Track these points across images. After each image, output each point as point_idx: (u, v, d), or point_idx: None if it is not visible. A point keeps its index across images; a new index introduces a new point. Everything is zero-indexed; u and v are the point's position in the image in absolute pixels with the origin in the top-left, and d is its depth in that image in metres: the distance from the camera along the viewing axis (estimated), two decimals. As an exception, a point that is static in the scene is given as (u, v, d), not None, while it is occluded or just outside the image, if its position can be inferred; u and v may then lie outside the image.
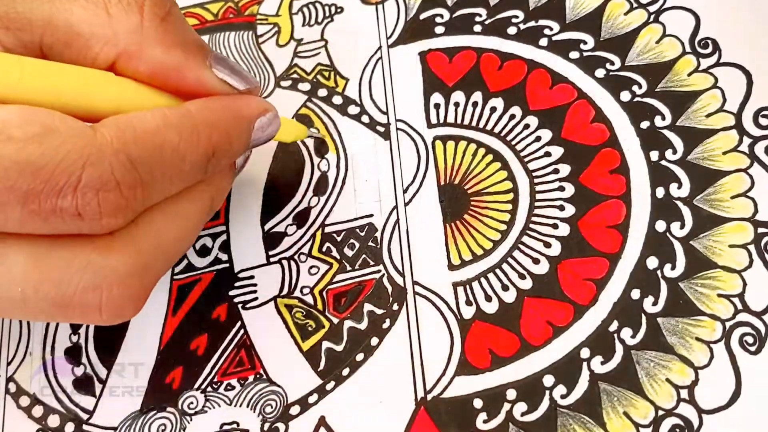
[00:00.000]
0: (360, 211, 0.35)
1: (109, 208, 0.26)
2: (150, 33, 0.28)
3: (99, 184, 0.25)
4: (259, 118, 0.31)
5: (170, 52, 0.29)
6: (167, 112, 0.28)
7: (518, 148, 0.35)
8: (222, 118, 0.30)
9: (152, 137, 0.27)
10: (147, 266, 0.28)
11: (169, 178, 0.28)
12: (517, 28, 0.37)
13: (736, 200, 0.32)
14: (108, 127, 0.26)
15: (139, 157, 0.26)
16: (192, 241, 0.31)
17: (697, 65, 0.34)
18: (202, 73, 0.30)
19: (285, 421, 0.32)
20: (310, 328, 0.33)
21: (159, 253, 0.29)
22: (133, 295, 0.28)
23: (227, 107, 0.30)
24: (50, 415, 0.34)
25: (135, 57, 0.28)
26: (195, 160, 0.28)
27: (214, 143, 0.29)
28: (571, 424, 0.30)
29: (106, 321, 0.28)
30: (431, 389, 0.31)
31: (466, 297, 0.32)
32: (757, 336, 0.30)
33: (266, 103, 0.32)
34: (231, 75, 0.31)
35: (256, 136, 0.31)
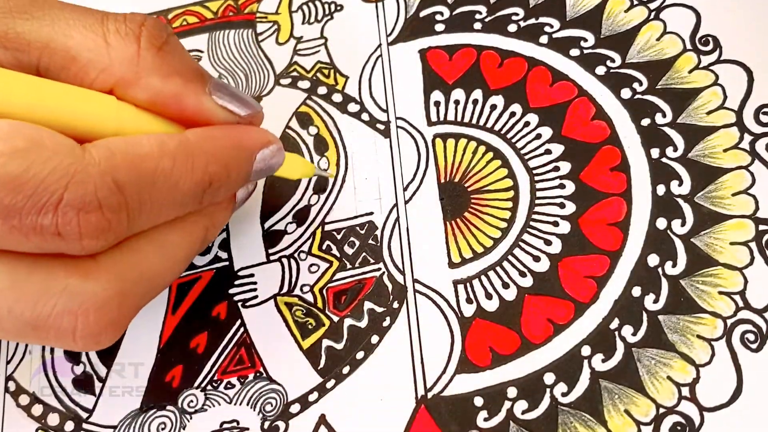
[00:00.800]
0: (360, 209, 0.35)
1: (90, 230, 0.25)
2: (147, 62, 0.28)
3: (81, 204, 0.25)
4: (262, 150, 0.31)
5: (168, 80, 0.29)
6: (164, 138, 0.28)
7: (518, 146, 0.35)
8: (221, 148, 0.29)
9: (144, 162, 0.26)
10: (127, 294, 0.27)
11: (159, 206, 0.27)
12: (517, 25, 0.37)
13: (737, 197, 0.32)
14: (98, 148, 0.26)
15: (127, 181, 0.26)
16: (179, 272, 0.31)
17: (698, 62, 0.34)
18: (201, 100, 0.29)
19: (285, 419, 0.32)
20: (310, 327, 0.33)
21: (141, 282, 0.28)
22: (111, 323, 0.27)
23: (228, 137, 0.30)
24: (50, 413, 0.34)
25: (132, 85, 0.28)
26: (189, 189, 0.28)
27: (211, 173, 0.29)
28: (572, 422, 0.29)
29: (81, 347, 0.27)
30: (432, 387, 0.31)
31: (466, 295, 0.32)
32: (758, 333, 0.29)
33: (270, 134, 0.31)
34: (231, 101, 0.30)
35: (258, 168, 0.31)
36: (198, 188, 0.28)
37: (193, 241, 0.30)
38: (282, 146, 0.32)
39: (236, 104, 0.30)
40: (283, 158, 0.32)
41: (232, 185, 0.30)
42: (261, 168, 0.31)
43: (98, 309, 0.27)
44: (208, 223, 0.31)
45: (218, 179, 0.29)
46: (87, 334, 0.27)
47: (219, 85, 0.30)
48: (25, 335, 0.27)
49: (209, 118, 0.30)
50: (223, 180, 0.29)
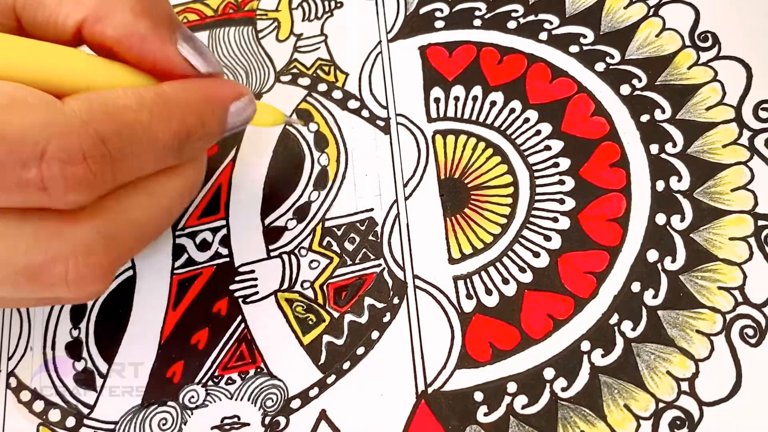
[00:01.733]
0: (360, 205, 0.35)
1: (75, 182, 0.25)
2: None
3: (65, 156, 0.25)
4: (234, 102, 0.31)
5: (138, 20, 0.28)
6: (141, 90, 0.28)
7: (518, 142, 0.35)
8: (196, 101, 0.29)
9: (123, 114, 0.26)
10: (114, 238, 0.28)
11: (140, 158, 0.27)
12: (516, 22, 0.37)
13: (736, 193, 0.32)
14: (78, 101, 0.26)
15: (109, 133, 0.26)
16: (170, 220, 0.31)
17: (697, 59, 0.34)
18: (165, 47, 0.29)
19: (286, 414, 0.32)
20: (310, 322, 0.33)
21: (129, 229, 0.28)
22: (99, 266, 0.27)
23: (201, 89, 0.30)
24: (51, 409, 0.34)
25: (102, 20, 0.28)
26: (168, 140, 0.28)
27: (188, 125, 0.29)
28: (572, 417, 0.30)
29: (73, 292, 0.27)
30: (432, 382, 0.31)
31: (466, 290, 0.32)
32: (757, 328, 0.30)
33: (241, 87, 0.32)
34: (195, 55, 0.30)
35: (232, 120, 0.31)
36: (176, 140, 0.28)
37: (180, 188, 0.30)
38: (253, 97, 0.32)
39: (199, 60, 0.30)
40: (254, 109, 0.32)
41: (208, 137, 0.30)
42: (235, 120, 0.31)
43: (86, 253, 0.27)
44: (192, 174, 0.31)
45: (195, 131, 0.29)
46: (77, 277, 0.27)
47: (188, 36, 0.30)
48: (21, 286, 0.27)
49: (170, 67, 0.30)
50: (200, 132, 0.29)
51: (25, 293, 0.28)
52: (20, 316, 0.36)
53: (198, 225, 0.36)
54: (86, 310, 0.35)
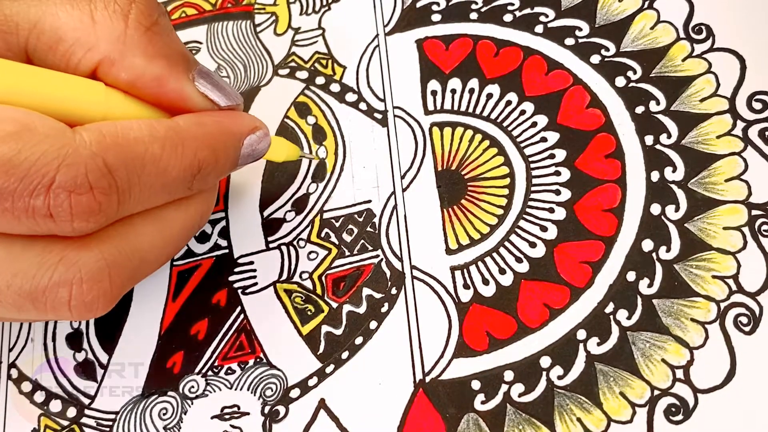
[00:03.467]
0: (358, 197, 0.35)
1: (81, 211, 0.26)
2: (133, 41, 0.28)
3: (72, 186, 0.25)
4: (249, 136, 0.31)
5: (152, 62, 0.29)
6: (154, 123, 0.28)
7: (514, 134, 0.35)
8: (210, 134, 0.29)
9: (134, 146, 0.27)
10: (119, 266, 0.28)
11: (149, 190, 0.28)
12: (512, 15, 0.37)
13: (730, 183, 0.32)
14: (89, 131, 0.26)
15: (117, 164, 0.26)
16: (177, 250, 0.31)
17: (691, 51, 0.35)
18: (182, 86, 0.29)
19: (285, 403, 0.32)
20: (309, 313, 0.34)
21: (135, 257, 0.29)
22: (103, 293, 0.28)
23: (216, 123, 0.30)
24: (52, 400, 0.34)
25: (116, 64, 0.28)
26: (178, 174, 0.28)
27: (200, 159, 0.29)
28: (568, 405, 0.30)
29: (75, 316, 0.28)
30: (430, 371, 0.31)
31: (463, 281, 0.33)
32: (751, 316, 0.30)
33: (257, 120, 0.32)
34: (213, 90, 0.30)
35: (245, 153, 0.31)
36: (187, 174, 0.29)
37: (189, 219, 0.31)
38: (268, 131, 0.32)
39: (217, 94, 0.30)
40: (269, 143, 0.32)
41: (220, 171, 0.30)
42: (248, 153, 0.31)
43: (90, 279, 0.27)
44: (206, 198, 0.31)
45: (207, 165, 0.29)
46: (80, 303, 0.27)
47: (203, 72, 0.30)
48: (25, 309, 0.27)
49: (189, 105, 0.30)
50: (211, 166, 0.29)
51: (29, 315, 0.28)
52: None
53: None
54: (86, 301, 0.36)
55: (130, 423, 0.33)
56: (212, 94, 0.30)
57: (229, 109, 0.31)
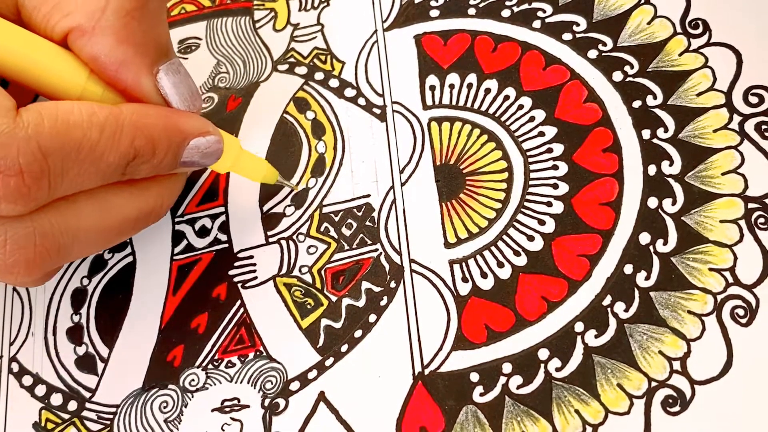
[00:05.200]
0: (357, 191, 0.35)
1: (8, 193, 0.26)
2: (108, 21, 0.29)
3: (1, 166, 0.25)
4: (197, 138, 0.31)
5: (119, 46, 0.29)
6: (96, 107, 0.28)
7: (512, 129, 0.35)
8: (153, 126, 0.29)
9: (72, 130, 0.27)
10: (48, 237, 0.28)
11: (82, 174, 0.28)
12: (510, 10, 0.37)
13: (726, 176, 0.32)
14: (30, 113, 0.26)
15: (52, 148, 0.26)
16: (121, 235, 0.31)
17: (688, 45, 0.35)
18: (139, 77, 0.30)
19: (285, 396, 0.32)
20: (308, 306, 0.34)
21: (68, 233, 0.29)
22: (25, 258, 0.28)
23: (162, 116, 0.30)
24: (53, 393, 0.34)
25: (85, 36, 0.29)
26: (112, 161, 0.28)
27: (137, 147, 0.29)
28: (566, 396, 0.30)
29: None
30: (428, 364, 0.32)
31: (462, 274, 0.33)
32: (747, 308, 0.30)
33: (211, 126, 0.32)
34: (173, 90, 0.30)
35: (190, 154, 0.31)
36: (122, 161, 0.29)
37: (142, 205, 0.31)
38: (221, 140, 0.32)
39: (175, 95, 0.30)
40: (220, 153, 0.32)
41: (157, 165, 0.30)
42: (193, 155, 0.31)
43: (15, 243, 0.27)
44: (162, 191, 0.31)
45: (143, 154, 0.29)
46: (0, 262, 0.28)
47: (172, 69, 0.30)
48: None
49: (140, 97, 0.30)
50: (147, 156, 0.29)
51: None
52: (21, 301, 0.36)
53: (197, 212, 0.37)
54: (87, 295, 0.36)
55: (131, 416, 0.33)
56: (170, 92, 0.30)
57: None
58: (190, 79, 0.31)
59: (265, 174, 0.35)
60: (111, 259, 0.36)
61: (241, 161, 0.34)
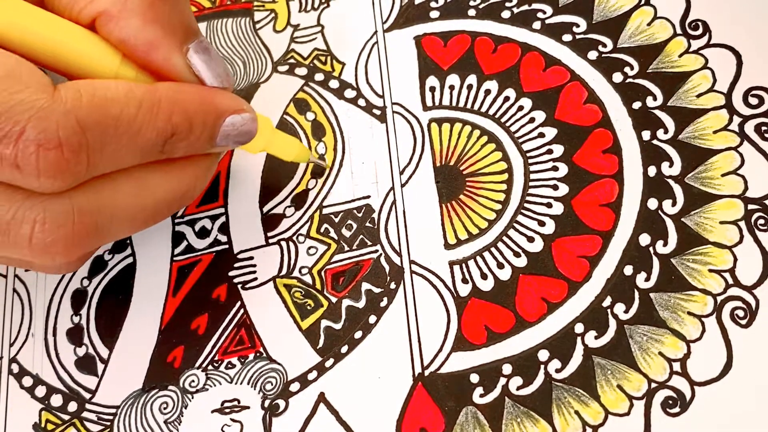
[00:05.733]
0: (357, 192, 0.35)
1: (48, 167, 0.26)
2: (134, 3, 0.29)
3: (41, 139, 0.25)
4: (232, 116, 0.31)
5: (147, 27, 0.29)
6: (133, 85, 0.28)
7: (512, 130, 0.35)
8: (189, 101, 0.29)
9: (109, 106, 0.27)
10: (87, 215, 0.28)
11: (120, 150, 0.28)
12: (510, 11, 0.37)
13: (726, 178, 0.32)
14: (68, 89, 0.26)
15: (90, 123, 0.26)
16: (159, 216, 0.31)
17: (688, 46, 0.35)
18: (171, 56, 0.29)
19: (285, 397, 0.32)
20: (308, 307, 0.34)
21: (106, 211, 0.28)
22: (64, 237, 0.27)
23: (197, 94, 0.30)
24: (53, 394, 0.34)
25: (113, 21, 0.28)
26: (150, 137, 0.28)
27: (174, 124, 0.29)
28: (566, 398, 0.30)
29: (35, 256, 0.28)
30: (428, 365, 0.32)
31: (462, 275, 0.33)
32: (747, 310, 0.30)
33: (245, 104, 0.31)
34: (204, 67, 0.30)
35: (226, 131, 0.31)
36: (159, 137, 0.28)
37: (177, 186, 0.31)
38: (256, 117, 0.32)
39: (207, 71, 0.30)
40: (254, 131, 0.32)
41: (194, 142, 0.30)
42: (229, 132, 0.31)
43: (54, 221, 0.27)
44: (198, 172, 0.31)
45: (181, 131, 0.29)
46: (40, 242, 0.27)
47: (202, 48, 0.30)
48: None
49: (175, 76, 0.30)
50: (185, 133, 0.29)
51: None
52: (21, 302, 0.36)
53: (197, 213, 0.37)
54: (87, 296, 0.36)
55: (131, 417, 0.33)
56: (202, 70, 0.30)
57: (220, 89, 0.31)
58: (220, 57, 0.31)
59: (298, 153, 0.35)
60: (111, 260, 0.36)
61: (275, 140, 0.34)
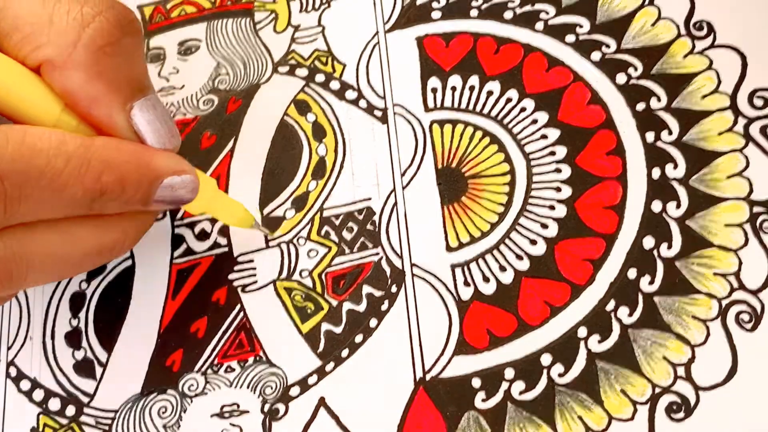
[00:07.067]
0: (358, 194, 0.35)
1: None
2: (79, 56, 0.28)
3: None
4: (171, 177, 0.30)
5: (91, 82, 0.28)
6: (67, 137, 0.27)
7: (515, 131, 0.35)
8: (124, 162, 0.28)
9: (36, 156, 0.26)
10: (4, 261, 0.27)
11: (42, 203, 0.27)
12: (513, 12, 0.37)
13: (731, 180, 0.32)
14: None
15: (10, 172, 0.26)
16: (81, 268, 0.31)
17: (692, 47, 0.35)
18: (111, 114, 0.29)
19: (285, 402, 0.32)
20: (309, 311, 0.33)
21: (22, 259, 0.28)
22: None
23: (135, 153, 0.29)
24: (51, 398, 0.34)
25: (57, 71, 0.28)
26: (76, 193, 0.27)
27: (104, 183, 0.28)
28: (569, 402, 0.30)
29: None
30: (430, 369, 0.31)
31: (464, 278, 0.33)
32: (752, 314, 0.30)
33: (187, 165, 0.31)
34: (148, 127, 0.29)
35: (164, 193, 0.30)
36: (86, 195, 0.28)
37: (105, 240, 0.30)
38: (197, 181, 0.31)
39: (151, 132, 0.30)
40: (194, 194, 0.31)
41: (127, 202, 0.29)
42: (167, 195, 0.30)
43: None
44: (128, 227, 0.30)
45: (111, 191, 0.28)
46: None
47: (147, 106, 0.30)
48: None
49: (116, 134, 0.29)
50: (116, 193, 0.28)
51: None
52: (20, 305, 0.36)
53: (197, 215, 0.36)
54: (85, 299, 0.36)
55: (130, 421, 0.33)
56: (144, 130, 0.29)
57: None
58: (167, 116, 0.31)
59: (240, 218, 0.34)
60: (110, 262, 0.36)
61: (217, 203, 0.33)
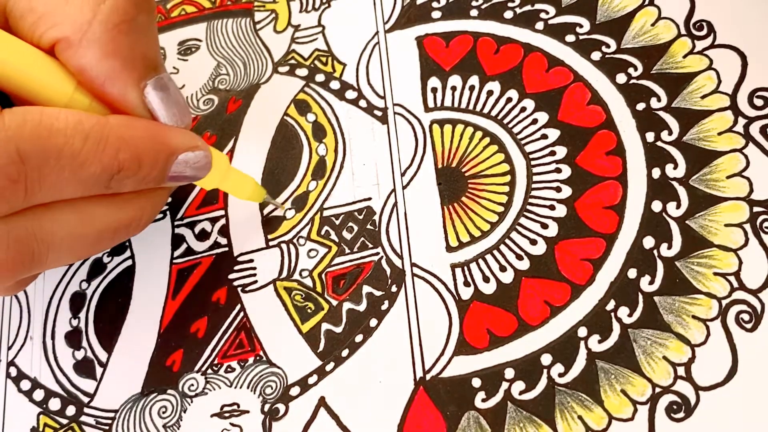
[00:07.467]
0: (358, 194, 0.35)
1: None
2: (95, 34, 0.28)
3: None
4: (185, 153, 0.30)
5: (105, 60, 0.28)
6: (83, 116, 0.27)
7: (515, 131, 0.35)
8: (139, 138, 0.29)
9: (54, 136, 0.26)
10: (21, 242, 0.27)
11: (61, 182, 0.27)
12: (513, 12, 0.37)
13: (731, 180, 0.32)
14: (14, 114, 0.26)
15: (31, 153, 0.26)
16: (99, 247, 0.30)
17: (692, 47, 0.35)
18: (126, 91, 0.29)
19: (285, 401, 0.32)
20: (309, 310, 0.33)
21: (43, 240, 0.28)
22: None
23: (150, 130, 0.29)
24: (51, 398, 0.34)
25: (72, 49, 0.28)
26: (95, 172, 0.27)
27: (121, 161, 0.28)
28: (569, 402, 0.30)
29: None
30: (430, 369, 0.31)
31: (464, 278, 0.33)
32: (753, 313, 0.30)
33: (200, 141, 0.31)
34: (161, 105, 0.30)
35: (178, 169, 0.30)
36: (105, 173, 0.28)
37: (122, 217, 0.30)
38: (210, 155, 0.31)
39: (163, 110, 0.30)
40: (208, 168, 0.31)
41: (143, 179, 0.29)
42: (181, 170, 0.30)
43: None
44: (145, 204, 0.31)
45: (128, 168, 0.28)
46: None
47: (159, 84, 0.30)
48: None
49: (127, 111, 0.29)
50: (133, 170, 0.29)
51: None
52: (20, 305, 0.36)
53: (197, 215, 0.36)
54: (86, 299, 0.36)
55: (130, 421, 0.33)
56: (157, 108, 0.30)
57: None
58: (180, 94, 0.31)
59: (252, 192, 0.34)
60: (110, 262, 0.36)
61: (229, 178, 0.33)
